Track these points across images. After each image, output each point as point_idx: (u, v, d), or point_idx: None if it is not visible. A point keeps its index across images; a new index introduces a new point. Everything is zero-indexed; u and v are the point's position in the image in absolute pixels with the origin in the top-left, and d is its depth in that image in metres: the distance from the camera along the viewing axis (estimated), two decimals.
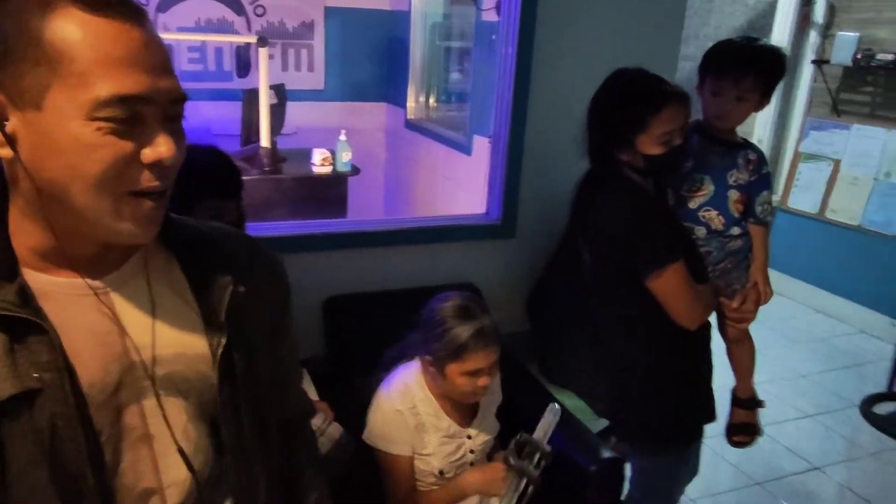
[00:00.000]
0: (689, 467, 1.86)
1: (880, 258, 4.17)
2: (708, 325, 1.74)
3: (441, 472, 1.65)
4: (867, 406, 3.37)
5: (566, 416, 2.09)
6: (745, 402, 1.89)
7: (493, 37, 2.88)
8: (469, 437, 1.68)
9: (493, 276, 2.40)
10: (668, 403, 1.71)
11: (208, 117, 4.06)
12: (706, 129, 1.73)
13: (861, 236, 4.28)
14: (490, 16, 3.22)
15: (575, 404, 2.25)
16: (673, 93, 1.54)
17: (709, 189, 1.69)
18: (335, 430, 1.68)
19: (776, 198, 4.82)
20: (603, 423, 2.21)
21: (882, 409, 3.36)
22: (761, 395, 2.11)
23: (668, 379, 1.70)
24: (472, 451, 1.69)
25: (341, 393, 1.83)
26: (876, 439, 3.15)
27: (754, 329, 1.88)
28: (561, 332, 2.26)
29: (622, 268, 1.61)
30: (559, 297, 2.28)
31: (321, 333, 2.16)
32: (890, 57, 3.90)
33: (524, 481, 1.54)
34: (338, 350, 2.12)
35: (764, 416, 3.18)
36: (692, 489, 2.08)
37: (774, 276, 5.44)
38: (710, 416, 1.78)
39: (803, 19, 4.53)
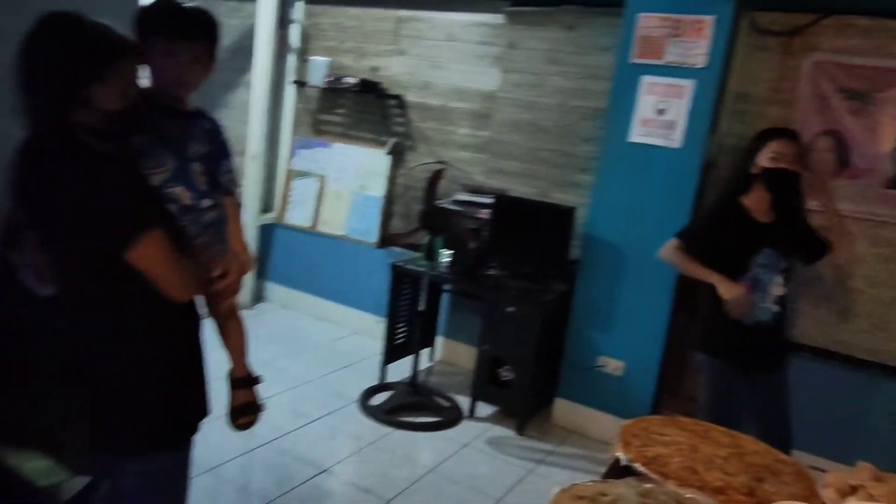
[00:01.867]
0: (188, 476, 1.71)
1: (363, 263, 4.60)
2: (196, 319, 1.66)
3: None
4: (364, 400, 3.64)
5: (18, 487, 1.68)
6: (243, 380, 1.83)
7: None
8: None
9: None
10: (166, 398, 1.59)
11: None
12: (157, 100, 1.59)
13: (347, 245, 4.66)
14: None
15: (38, 466, 1.81)
16: (130, 42, 1.44)
17: (170, 164, 1.58)
18: None
19: (273, 214, 4.95)
20: (83, 480, 1.84)
21: (376, 400, 3.67)
22: (271, 409, 2.05)
23: (158, 374, 1.57)
24: None
25: None
26: (373, 429, 3.40)
27: (260, 344, 1.81)
28: (11, 371, 1.81)
29: (91, 252, 1.42)
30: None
31: None
32: (354, 81, 4.33)
33: None
34: None
35: (273, 429, 3.16)
36: None
37: (277, 290, 5.53)
38: (207, 410, 1.70)
39: (282, 43, 4.75)
